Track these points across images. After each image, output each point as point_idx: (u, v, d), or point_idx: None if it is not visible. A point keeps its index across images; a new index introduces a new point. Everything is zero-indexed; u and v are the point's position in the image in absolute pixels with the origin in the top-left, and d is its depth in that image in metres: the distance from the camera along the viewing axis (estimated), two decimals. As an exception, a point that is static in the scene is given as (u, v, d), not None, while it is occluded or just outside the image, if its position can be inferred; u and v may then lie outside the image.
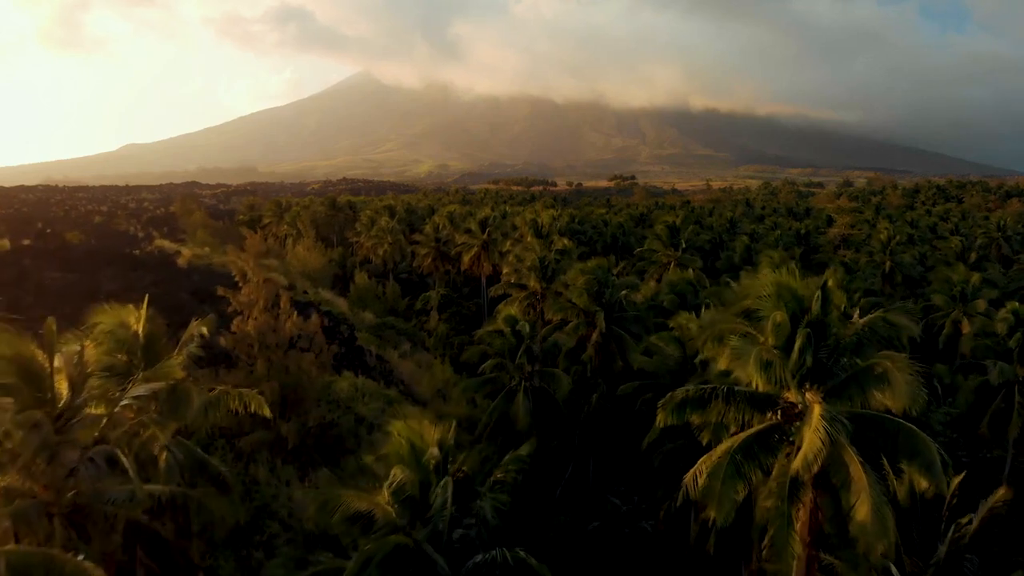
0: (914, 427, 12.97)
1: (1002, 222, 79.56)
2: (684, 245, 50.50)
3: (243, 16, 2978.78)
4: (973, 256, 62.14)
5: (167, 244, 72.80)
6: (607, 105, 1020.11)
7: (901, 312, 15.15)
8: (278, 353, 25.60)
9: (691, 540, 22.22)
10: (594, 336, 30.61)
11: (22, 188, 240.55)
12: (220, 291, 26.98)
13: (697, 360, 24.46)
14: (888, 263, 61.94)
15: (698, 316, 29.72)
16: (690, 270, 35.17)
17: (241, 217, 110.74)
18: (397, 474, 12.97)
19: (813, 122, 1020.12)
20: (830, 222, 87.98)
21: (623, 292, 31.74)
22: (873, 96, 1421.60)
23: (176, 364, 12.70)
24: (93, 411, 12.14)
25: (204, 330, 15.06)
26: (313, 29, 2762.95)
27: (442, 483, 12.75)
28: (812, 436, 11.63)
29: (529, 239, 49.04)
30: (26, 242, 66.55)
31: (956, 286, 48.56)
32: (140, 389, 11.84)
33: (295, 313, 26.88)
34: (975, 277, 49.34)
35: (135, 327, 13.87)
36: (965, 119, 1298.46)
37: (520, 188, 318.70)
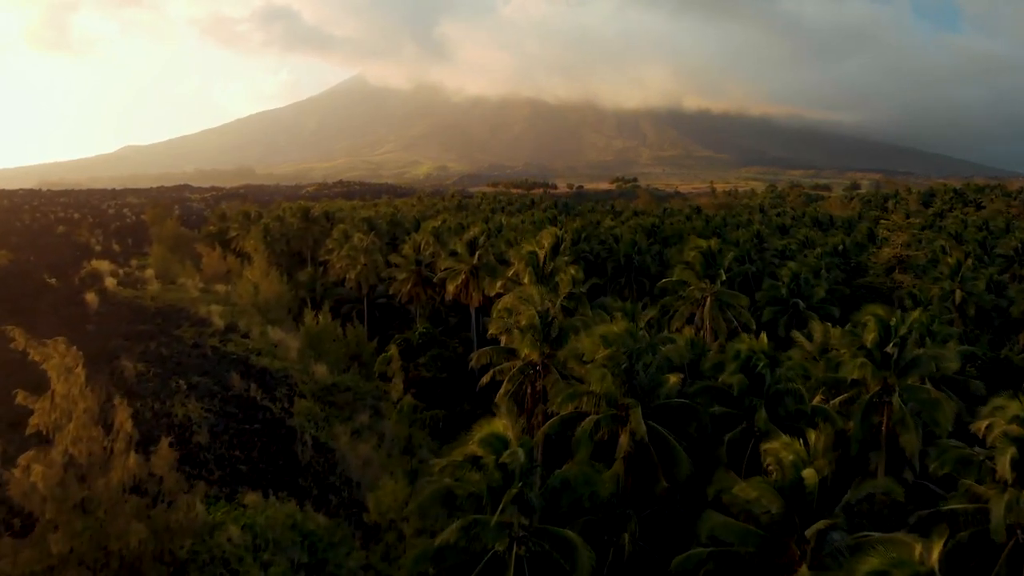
0: None
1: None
2: (724, 278, 39.83)
3: (229, 16, 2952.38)
4: (1065, 285, 51.76)
5: (104, 266, 62.14)
6: (603, 106, 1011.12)
7: None
8: (94, 516, 15.09)
9: None
10: (624, 442, 20.25)
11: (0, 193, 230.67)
12: (20, 396, 16.42)
13: (810, 532, 14.07)
14: (959, 292, 51.41)
15: (773, 408, 19.36)
16: (763, 337, 24.50)
17: (211, 228, 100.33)
18: None
19: (811, 123, 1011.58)
20: (871, 236, 77.44)
21: (671, 383, 21.17)
22: (869, 96, 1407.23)
23: None
24: None
25: None
26: (300, 29, 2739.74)
27: None
28: None
29: (526, 281, 38.11)
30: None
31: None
32: None
33: (130, 456, 15.95)
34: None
35: None
36: (963, 119, 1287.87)
37: (520, 191, 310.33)
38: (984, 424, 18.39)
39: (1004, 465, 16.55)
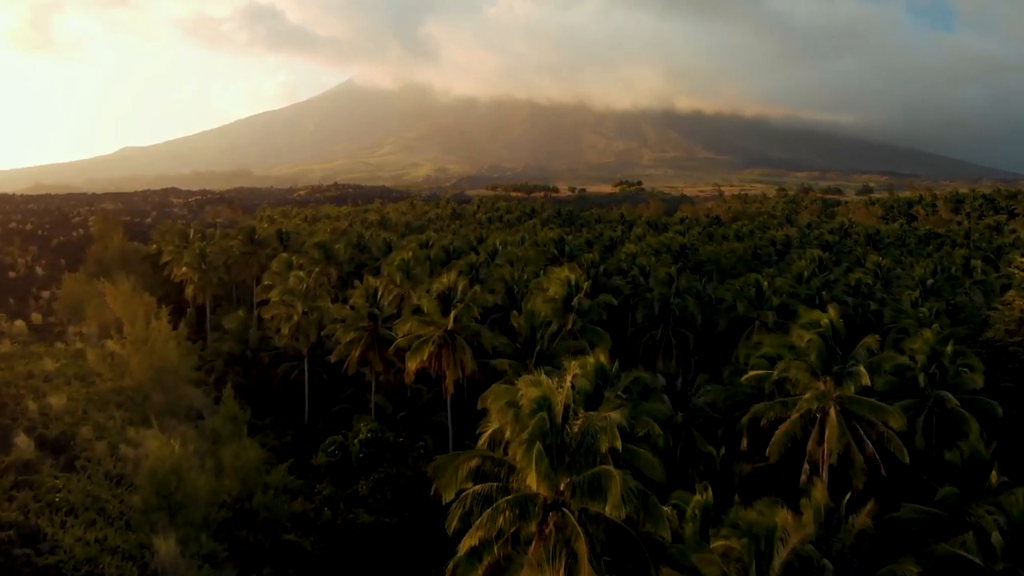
0: None
1: None
2: (866, 381, 23.33)
3: (211, 16, 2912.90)
4: None
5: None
6: (595, 107, 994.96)
7: None
8: None
9: None
10: None
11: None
12: None
13: None
14: None
15: None
16: None
17: (151, 249, 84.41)
18: None
19: (809, 123, 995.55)
20: (967, 268, 61.26)
21: None
22: (866, 97, 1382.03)
23: None
24: None
25: None
26: (283, 29, 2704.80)
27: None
28: None
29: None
30: None
31: None
32: None
33: None
34: None
35: None
36: (960, 119, 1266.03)
37: (520, 194, 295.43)
38: None
39: None
